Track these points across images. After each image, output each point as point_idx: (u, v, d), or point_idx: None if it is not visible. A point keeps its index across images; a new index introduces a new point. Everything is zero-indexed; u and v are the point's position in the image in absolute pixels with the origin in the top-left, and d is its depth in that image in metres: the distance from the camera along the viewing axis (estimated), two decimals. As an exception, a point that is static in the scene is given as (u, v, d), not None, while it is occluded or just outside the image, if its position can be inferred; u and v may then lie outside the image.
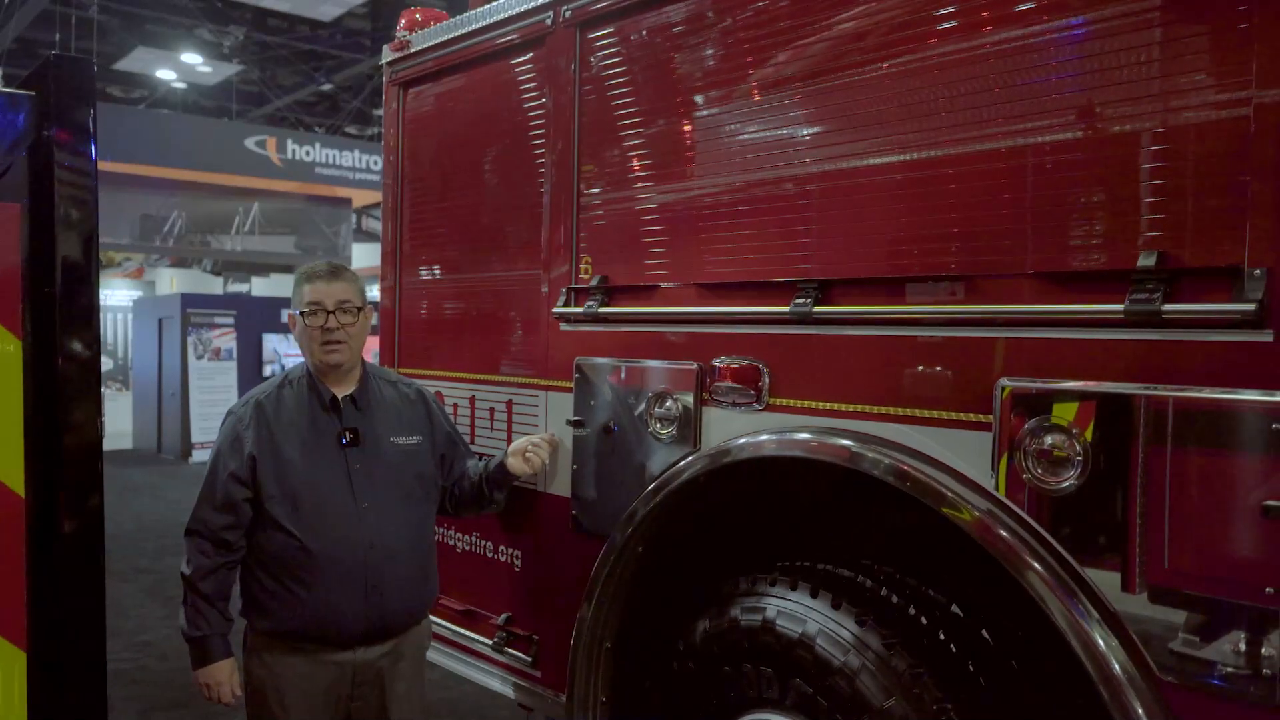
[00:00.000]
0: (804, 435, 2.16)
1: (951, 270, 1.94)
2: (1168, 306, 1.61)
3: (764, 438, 2.22)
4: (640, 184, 2.63)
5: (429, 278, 3.45)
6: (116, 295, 21.05)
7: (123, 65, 17.60)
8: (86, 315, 1.72)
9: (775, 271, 2.26)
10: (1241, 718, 1.55)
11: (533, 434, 2.84)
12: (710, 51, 2.45)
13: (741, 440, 2.26)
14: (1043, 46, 1.82)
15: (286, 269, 22.38)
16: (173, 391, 13.61)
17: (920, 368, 1.99)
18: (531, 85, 2.96)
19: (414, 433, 2.68)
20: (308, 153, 18.05)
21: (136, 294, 20.85)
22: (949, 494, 1.86)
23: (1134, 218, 1.70)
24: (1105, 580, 1.70)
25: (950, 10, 1.96)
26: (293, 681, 2.49)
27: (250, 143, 17.90)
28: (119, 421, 15.69)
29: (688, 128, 2.52)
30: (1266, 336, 1.53)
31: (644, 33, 2.60)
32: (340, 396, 2.60)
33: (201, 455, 13.17)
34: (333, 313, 2.53)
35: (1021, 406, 1.80)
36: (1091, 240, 1.75)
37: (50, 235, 1.66)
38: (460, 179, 3.30)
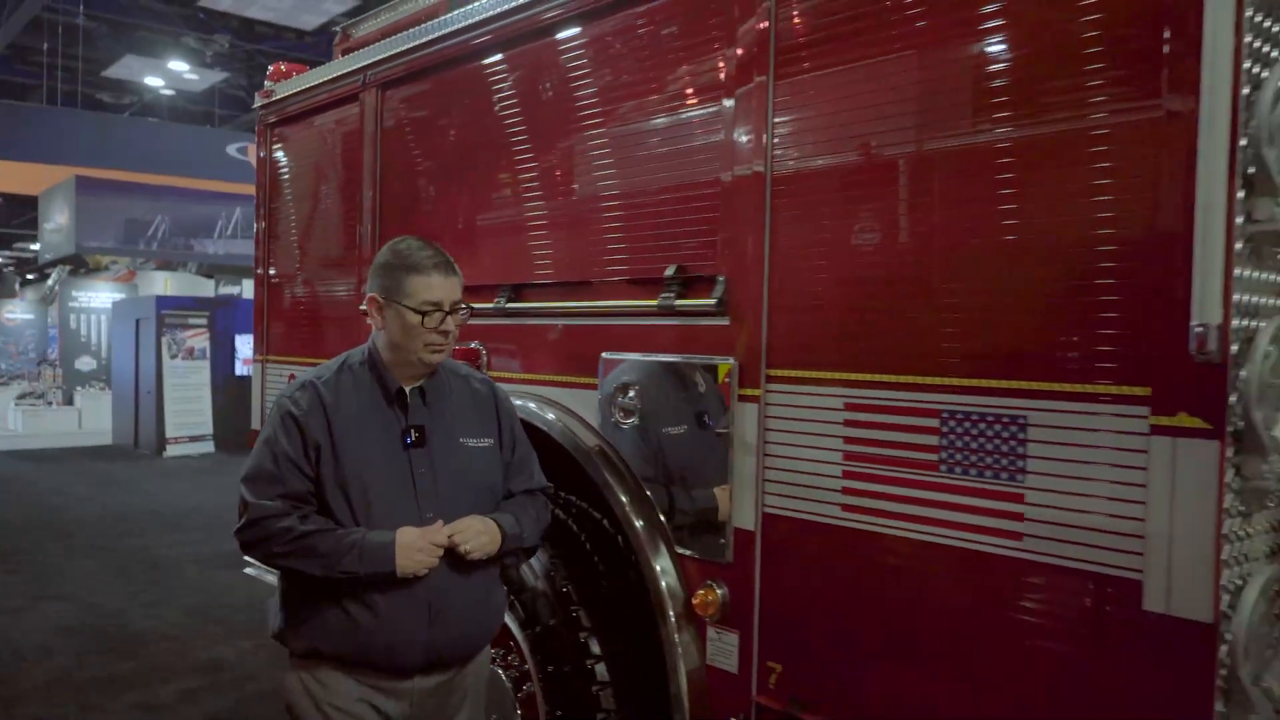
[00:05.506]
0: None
1: (578, 277, 2.78)
2: (679, 302, 2.44)
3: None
4: (417, 214, 3.44)
5: (280, 284, 4.28)
6: (100, 298, 21.48)
7: (111, 72, 18.09)
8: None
9: (491, 277, 3.07)
10: (711, 572, 2.38)
11: None
12: (454, 112, 3.28)
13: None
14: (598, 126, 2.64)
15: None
16: (149, 389, 14.17)
17: (563, 347, 2.82)
18: (353, 131, 3.77)
19: (485, 433, 2.28)
20: (286, 160, 18.67)
21: (120, 297, 21.34)
22: (573, 434, 2.69)
23: (665, 242, 2.52)
24: (648, 482, 2.55)
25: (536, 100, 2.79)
26: (343, 709, 2.15)
27: (232, 149, 18.57)
28: (101, 419, 16.36)
29: (441, 170, 3.34)
30: (725, 321, 2.34)
31: (419, 94, 3.42)
32: (408, 389, 2.21)
33: (176, 450, 13.64)
34: (450, 314, 2.17)
35: (609, 371, 2.61)
36: (643, 256, 2.57)
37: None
38: (308, 204, 4.12)
